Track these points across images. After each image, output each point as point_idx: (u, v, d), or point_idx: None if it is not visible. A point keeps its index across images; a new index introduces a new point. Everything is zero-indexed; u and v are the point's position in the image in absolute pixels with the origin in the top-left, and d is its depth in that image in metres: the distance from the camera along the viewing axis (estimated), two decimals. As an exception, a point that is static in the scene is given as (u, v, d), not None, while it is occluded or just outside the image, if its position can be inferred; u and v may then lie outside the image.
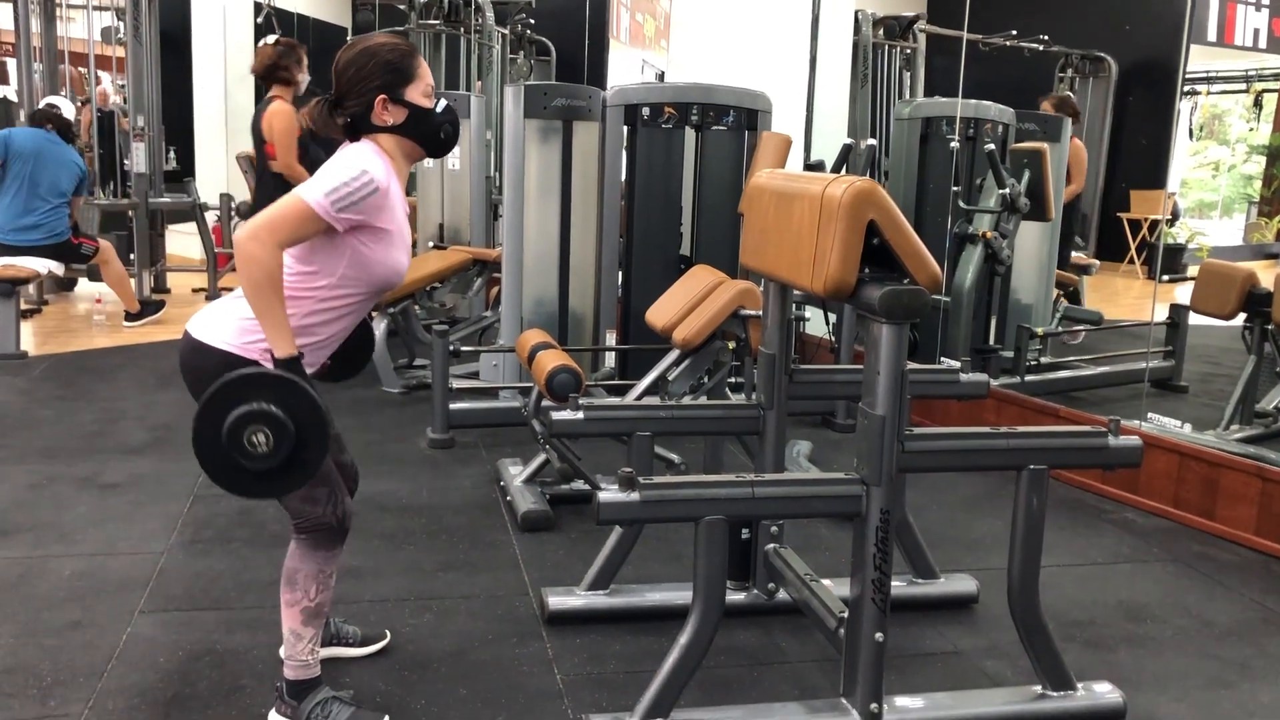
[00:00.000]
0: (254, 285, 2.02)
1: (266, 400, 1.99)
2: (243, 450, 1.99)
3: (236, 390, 1.99)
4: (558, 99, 4.82)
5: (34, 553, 3.22)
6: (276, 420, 1.99)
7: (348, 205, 2.07)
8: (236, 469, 2.01)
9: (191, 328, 2.21)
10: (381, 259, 2.18)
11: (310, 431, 2.03)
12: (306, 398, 2.02)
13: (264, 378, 2.01)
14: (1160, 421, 4.14)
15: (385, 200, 2.14)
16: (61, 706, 2.38)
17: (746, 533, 2.91)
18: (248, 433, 1.98)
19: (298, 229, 2.06)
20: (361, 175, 2.09)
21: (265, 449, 1.99)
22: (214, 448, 2.00)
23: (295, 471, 2.06)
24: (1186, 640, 2.94)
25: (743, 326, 3.45)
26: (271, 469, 2.02)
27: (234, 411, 1.98)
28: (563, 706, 2.47)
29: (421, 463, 4.26)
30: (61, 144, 6.41)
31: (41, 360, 5.79)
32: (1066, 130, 5.45)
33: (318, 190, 2.06)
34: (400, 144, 2.24)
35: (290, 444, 2.01)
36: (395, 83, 2.19)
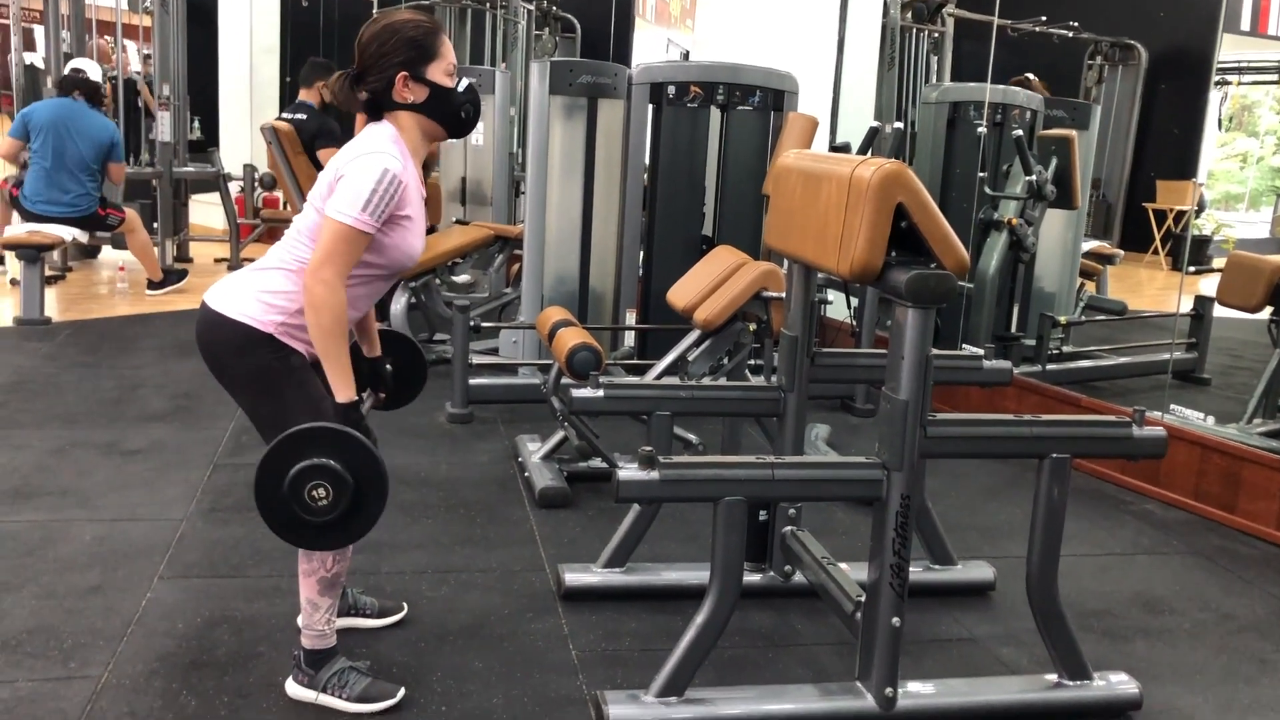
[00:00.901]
0: (323, 330, 2.07)
1: (327, 455, 2.02)
2: (304, 504, 2.02)
3: (298, 445, 2.02)
4: (583, 76, 4.79)
5: (56, 517, 3.25)
6: (337, 475, 2.02)
7: (382, 210, 2.10)
8: (298, 521, 2.05)
9: (209, 299, 2.22)
10: (398, 243, 2.19)
11: (370, 485, 2.06)
12: (365, 451, 2.05)
13: (323, 432, 2.04)
14: (1182, 413, 4.11)
15: (405, 188, 2.15)
16: (82, 668, 2.40)
17: (764, 514, 2.91)
18: (308, 487, 2.02)
19: (353, 252, 2.09)
20: (384, 176, 2.09)
21: (326, 503, 2.03)
22: (276, 501, 2.04)
23: (355, 524, 2.09)
24: (1205, 633, 2.93)
25: (765, 308, 3.44)
26: (332, 521, 2.05)
27: (295, 466, 2.01)
28: (577, 682, 2.48)
29: (440, 437, 4.28)
30: (88, 111, 6.33)
31: (65, 326, 5.83)
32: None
33: (352, 208, 2.07)
34: (420, 122, 2.23)
35: (350, 498, 2.04)
36: (417, 60, 2.18)
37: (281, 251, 2.23)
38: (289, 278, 2.19)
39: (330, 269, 2.06)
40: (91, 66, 6.71)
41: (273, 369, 2.18)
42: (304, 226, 2.19)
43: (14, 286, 6.41)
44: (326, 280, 2.06)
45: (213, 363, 2.23)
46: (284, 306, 2.18)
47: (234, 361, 2.19)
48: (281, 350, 2.18)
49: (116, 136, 6.45)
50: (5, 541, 3.05)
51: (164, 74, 7.58)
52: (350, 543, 2.18)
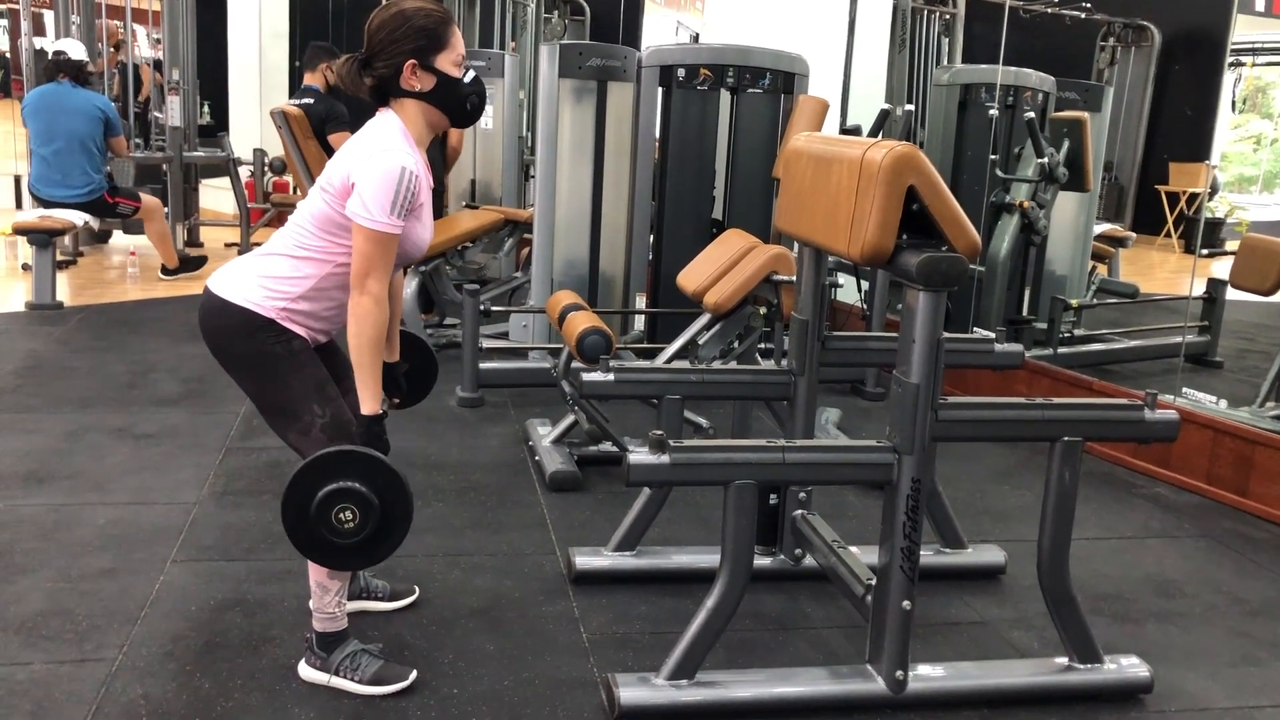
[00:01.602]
0: (364, 341, 2.10)
1: (354, 479, 2.04)
2: (330, 526, 2.05)
3: (327, 468, 2.04)
4: (593, 59, 4.78)
5: (70, 500, 3.27)
6: (363, 498, 2.05)
7: (406, 209, 2.11)
8: (325, 543, 2.07)
9: (213, 284, 2.23)
10: (409, 235, 2.20)
11: (396, 509, 2.09)
12: (391, 475, 2.07)
13: (351, 455, 2.06)
14: (1195, 397, 4.09)
15: (419, 182, 2.15)
16: (97, 651, 2.42)
17: (774, 498, 2.91)
18: (335, 510, 2.04)
19: (390, 255, 2.12)
20: (404, 175, 2.09)
21: (352, 525, 2.05)
22: (303, 523, 2.06)
23: (380, 546, 2.12)
24: (1216, 617, 2.92)
25: (775, 292, 3.43)
26: (358, 544, 2.07)
27: (322, 489, 2.03)
28: (588, 664, 2.48)
29: (451, 421, 4.28)
30: (75, 90, 6.27)
31: (76, 311, 5.85)
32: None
33: (381, 213, 2.07)
34: (425, 111, 2.22)
35: (377, 520, 2.06)
36: (427, 49, 2.17)
37: (286, 238, 2.23)
38: (293, 264, 2.19)
39: (375, 279, 2.09)
40: (73, 46, 6.61)
41: (275, 353, 2.18)
42: (312, 214, 2.19)
43: (26, 271, 6.44)
44: (373, 292, 2.09)
45: (216, 347, 2.24)
46: (286, 292, 2.18)
47: (237, 346, 2.20)
48: (284, 334, 2.19)
49: (109, 110, 6.40)
50: (20, 525, 3.07)
51: (173, 58, 7.58)
52: (374, 564, 2.21)
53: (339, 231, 2.17)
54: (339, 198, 2.13)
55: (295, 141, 5.64)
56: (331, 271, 2.20)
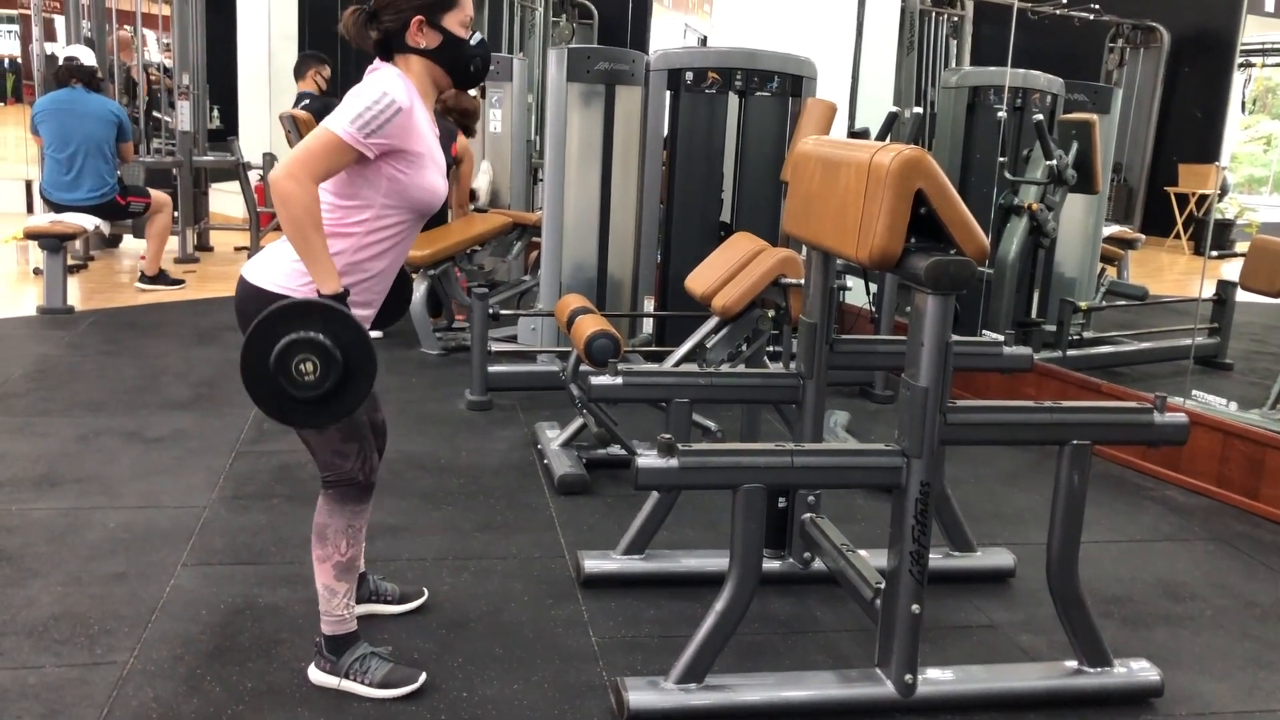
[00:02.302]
0: (293, 222, 2.02)
1: (315, 329, 2.00)
2: (290, 378, 2.00)
3: (286, 318, 2.00)
4: (601, 62, 4.79)
5: (81, 504, 3.28)
6: (324, 349, 2.00)
7: (375, 129, 2.06)
8: (284, 396, 2.02)
9: (246, 272, 2.23)
10: (418, 182, 2.17)
11: (358, 361, 2.04)
12: (355, 328, 2.03)
13: (313, 306, 2.02)
14: (1204, 399, 4.08)
15: (410, 120, 2.12)
16: (108, 654, 2.43)
17: (783, 501, 2.91)
18: (296, 360, 2.00)
19: (330, 161, 2.06)
20: (383, 98, 2.07)
21: (313, 377, 2.01)
22: (262, 374, 2.01)
23: (342, 401, 2.07)
24: (1227, 620, 2.91)
25: (783, 295, 3.43)
26: (318, 397, 2.03)
27: (283, 339, 1.99)
28: (597, 668, 2.49)
29: (459, 424, 4.29)
30: (88, 95, 6.32)
31: (87, 315, 5.87)
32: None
33: (343, 119, 2.05)
34: (429, 69, 2.22)
35: (338, 372, 2.02)
36: (435, 6, 2.18)
37: None
38: None
39: (302, 168, 2.02)
40: (84, 52, 6.68)
41: None
42: (327, 187, 2.18)
43: (37, 276, 6.47)
44: (294, 175, 2.01)
45: None
46: None
47: None
48: None
49: (122, 115, 6.46)
50: (31, 529, 3.08)
51: (183, 63, 7.61)
52: (334, 420, 2.13)
53: (353, 192, 2.15)
54: None
55: (304, 145, 5.65)
56: (360, 244, 2.17)
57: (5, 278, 6.95)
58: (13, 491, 3.35)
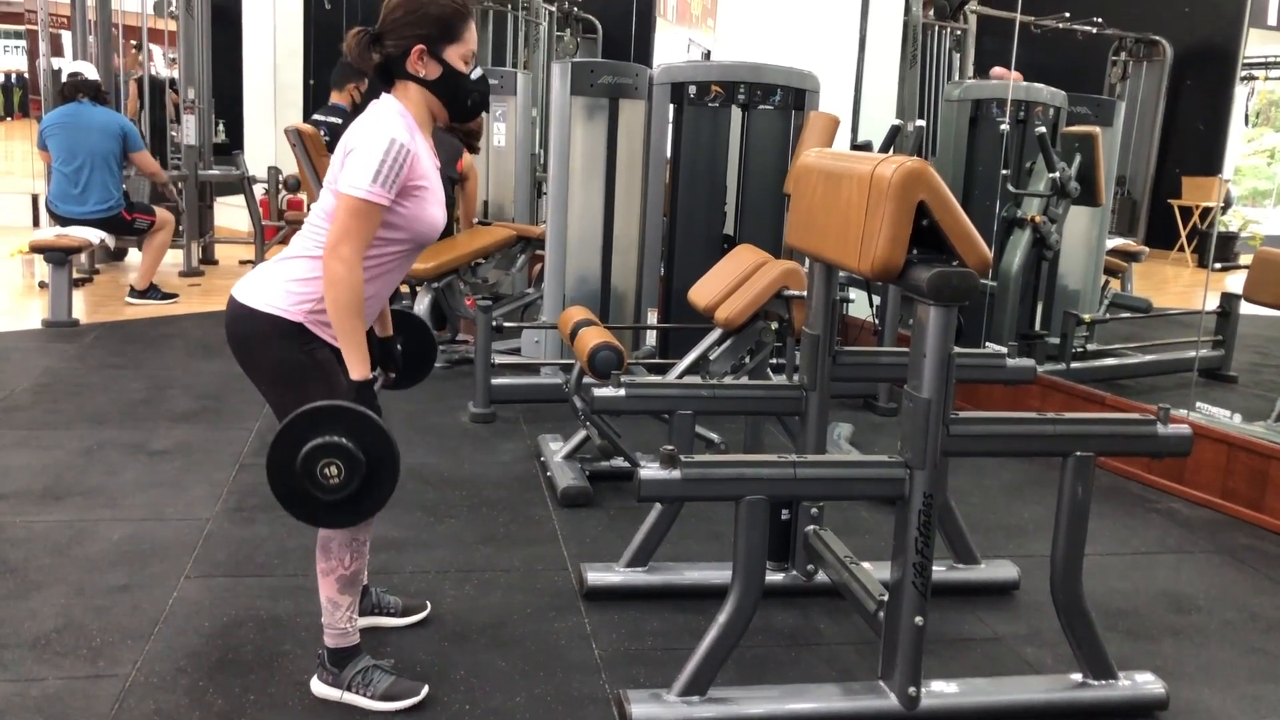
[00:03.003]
0: (338, 304, 2.07)
1: (340, 434, 2.03)
2: (315, 481, 2.03)
3: (311, 423, 2.03)
4: (605, 76, 4.80)
5: (84, 516, 3.28)
6: (349, 453, 2.03)
7: (393, 180, 2.09)
8: (309, 499, 2.05)
9: (237, 292, 2.23)
10: (418, 215, 2.19)
11: (382, 465, 2.07)
12: (379, 432, 2.05)
13: (336, 410, 2.05)
14: (1209, 411, 4.07)
15: (415, 158, 2.14)
16: (111, 667, 2.43)
17: (786, 514, 2.91)
18: (321, 465, 2.02)
19: (370, 226, 2.09)
20: (391, 146, 2.08)
21: (337, 481, 2.03)
22: (288, 477, 2.04)
23: (366, 502, 2.10)
24: (1232, 633, 2.90)
25: (786, 307, 3.44)
26: (343, 500, 2.06)
27: (308, 443, 2.02)
28: (600, 680, 2.48)
29: (463, 436, 4.29)
30: (93, 109, 6.37)
31: (92, 328, 5.89)
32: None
33: (363, 181, 2.06)
34: (426, 99, 2.23)
35: (362, 476, 2.04)
36: (438, 38, 2.18)
37: (304, 239, 2.23)
38: (313, 264, 2.18)
39: (347, 245, 2.06)
40: (87, 67, 6.75)
41: (300, 363, 2.18)
42: (324, 210, 2.19)
43: (42, 289, 6.48)
44: (344, 257, 2.06)
45: (241, 355, 2.24)
46: (309, 294, 2.18)
47: (263, 353, 2.20)
48: (310, 342, 2.19)
49: (128, 126, 6.50)
50: (35, 541, 3.09)
51: (189, 78, 7.64)
52: (360, 521, 2.17)
53: None
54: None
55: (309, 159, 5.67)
56: None
57: (11, 291, 6.97)
58: (17, 504, 3.35)
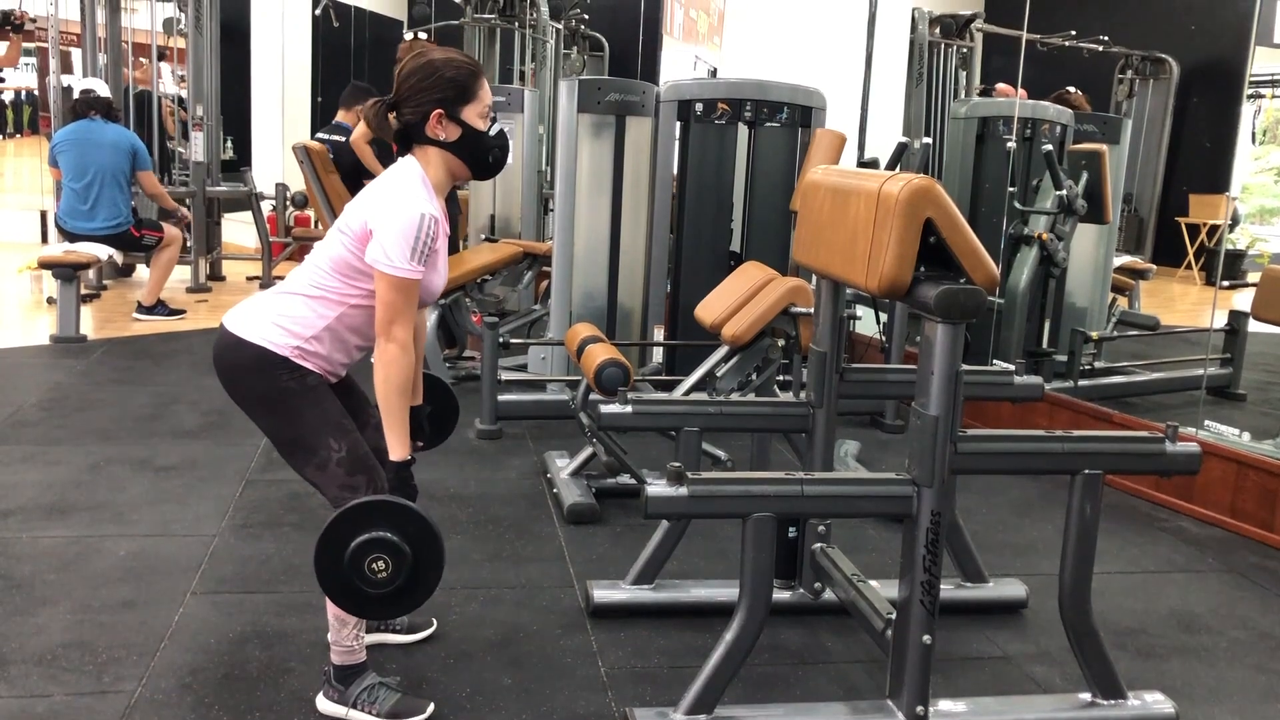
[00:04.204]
0: (392, 387, 2.12)
1: (385, 529, 2.05)
2: (364, 577, 2.05)
3: (360, 518, 2.05)
4: (611, 94, 4.82)
5: (91, 532, 3.28)
6: (395, 547, 2.05)
7: (426, 254, 2.13)
8: (358, 592, 2.07)
9: (228, 321, 2.25)
10: (424, 281, 2.20)
11: (427, 557, 2.09)
12: (422, 522, 2.07)
13: (381, 505, 2.08)
14: (1217, 429, 4.06)
15: (438, 228, 2.17)
16: (116, 683, 2.43)
17: (794, 531, 2.90)
18: (368, 560, 2.05)
19: (413, 300, 2.14)
20: (422, 221, 2.11)
21: (385, 575, 2.06)
22: (336, 573, 2.06)
23: (413, 594, 2.12)
24: (1242, 652, 2.88)
25: (793, 324, 3.44)
26: (391, 592, 2.08)
27: (355, 540, 2.04)
28: (606, 699, 2.47)
29: (469, 453, 4.29)
30: (105, 125, 6.40)
31: (100, 344, 5.90)
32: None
33: (400, 259, 2.09)
34: (448, 160, 2.25)
35: (409, 568, 2.07)
36: (454, 100, 2.20)
37: (303, 277, 2.24)
38: (309, 304, 2.21)
39: (400, 326, 2.11)
40: (99, 85, 6.79)
41: (290, 389, 2.20)
42: (329, 256, 2.21)
43: (50, 305, 6.50)
44: (399, 339, 2.11)
45: (230, 384, 2.26)
46: (300, 332, 2.20)
47: (251, 383, 2.22)
48: (298, 370, 2.20)
49: (137, 144, 6.53)
50: (41, 557, 3.08)
51: (198, 95, 7.68)
52: (408, 612, 2.21)
53: (355, 275, 2.19)
54: (357, 242, 2.15)
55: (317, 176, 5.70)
56: (346, 312, 2.22)
57: (20, 307, 7.00)
58: (23, 519, 3.36)
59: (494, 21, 8.18)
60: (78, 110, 6.47)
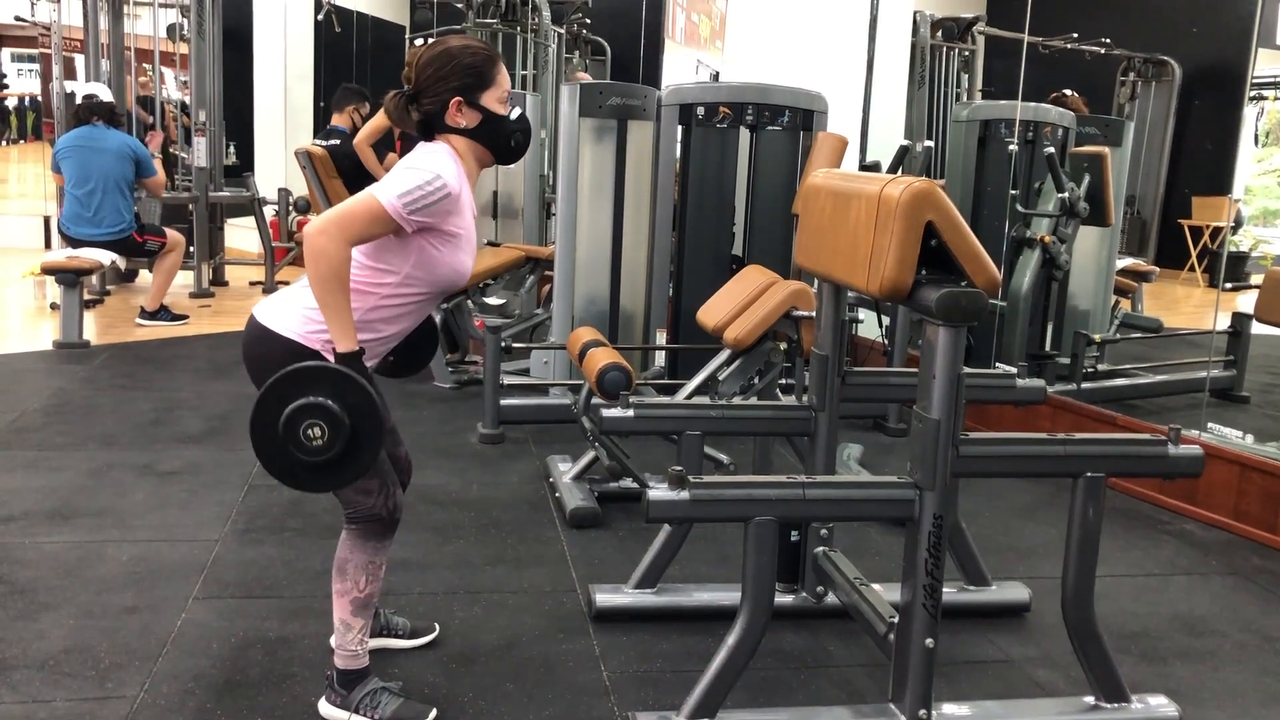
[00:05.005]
0: (320, 279, 2.04)
1: (323, 394, 2.01)
2: (298, 443, 2.01)
3: (294, 383, 2.01)
4: (613, 98, 4.82)
5: (93, 538, 3.28)
6: (332, 414, 2.01)
7: (419, 208, 2.09)
8: (292, 461, 2.03)
9: (258, 313, 2.24)
10: (448, 261, 2.20)
11: (365, 427, 2.04)
12: (363, 393, 2.03)
13: (322, 371, 2.03)
14: (1221, 432, 4.05)
15: (456, 205, 2.15)
16: (118, 688, 2.43)
17: (796, 535, 2.90)
18: (304, 426, 2.00)
19: (368, 228, 2.08)
20: (435, 180, 2.10)
21: (320, 442, 2.01)
22: (270, 439, 2.02)
23: (349, 466, 2.07)
24: (1246, 655, 2.88)
25: (795, 327, 3.43)
26: (326, 462, 2.03)
27: (291, 404, 2.00)
28: (609, 703, 2.47)
29: (471, 457, 4.29)
30: (107, 132, 6.43)
31: (103, 350, 5.91)
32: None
33: (391, 191, 2.07)
34: (471, 147, 2.25)
35: (345, 438, 2.02)
36: (472, 86, 2.20)
37: None
38: None
39: (338, 228, 2.03)
40: (102, 90, 6.81)
41: None
42: None
43: (54, 310, 6.51)
44: (331, 235, 2.02)
45: (256, 375, 2.24)
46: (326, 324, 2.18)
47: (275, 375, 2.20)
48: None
49: (140, 150, 6.55)
50: (44, 562, 3.09)
51: (200, 100, 7.69)
52: (341, 486, 2.15)
53: (382, 256, 2.17)
54: None
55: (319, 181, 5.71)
56: (377, 304, 2.19)
57: (23, 312, 7.01)
58: (26, 525, 3.36)
59: (496, 26, 8.19)
60: (80, 116, 6.49)
